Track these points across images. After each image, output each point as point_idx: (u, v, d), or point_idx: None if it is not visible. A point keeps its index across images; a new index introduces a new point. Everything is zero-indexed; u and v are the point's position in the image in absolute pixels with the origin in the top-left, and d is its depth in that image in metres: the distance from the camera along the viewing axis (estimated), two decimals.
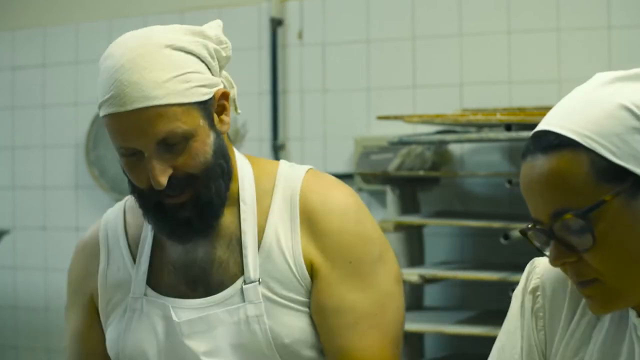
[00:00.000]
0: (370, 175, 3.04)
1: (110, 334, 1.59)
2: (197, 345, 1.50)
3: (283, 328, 1.48)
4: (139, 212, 1.56)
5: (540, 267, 1.31)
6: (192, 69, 1.44)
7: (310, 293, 1.50)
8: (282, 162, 1.59)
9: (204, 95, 1.46)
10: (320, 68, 3.49)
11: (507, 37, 3.20)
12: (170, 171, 1.43)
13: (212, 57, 1.49)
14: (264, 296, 1.48)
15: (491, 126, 2.96)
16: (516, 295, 1.35)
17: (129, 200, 1.64)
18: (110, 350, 1.59)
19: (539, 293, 1.30)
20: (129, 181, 1.50)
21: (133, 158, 1.45)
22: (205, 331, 1.50)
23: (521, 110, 2.93)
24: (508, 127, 2.70)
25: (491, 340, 2.90)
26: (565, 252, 1.13)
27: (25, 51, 4.04)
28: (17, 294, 4.06)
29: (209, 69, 1.49)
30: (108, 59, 1.47)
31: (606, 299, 1.14)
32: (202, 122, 1.45)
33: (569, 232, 1.11)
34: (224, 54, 1.53)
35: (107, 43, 1.63)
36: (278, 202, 1.52)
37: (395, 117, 2.98)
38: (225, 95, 1.52)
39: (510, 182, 2.75)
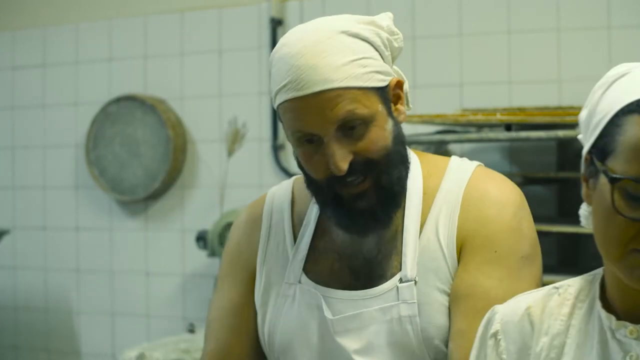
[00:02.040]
0: None
1: (262, 317, 1.56)
2: (349, 342, 1.47)
3: (434, 329, 1.45)
4: (306, 194, 1.54)
5: (500, 313, 1.31)
6: (367, 54, 1.44)
7: None
8: (453, 157, 1.57)
9: (381, 81, 1.45)
10: None
11: (507, 37, 3.20)
12: (350, 157, 1.42)
13: (385, 47, 1.49)
14: (422, 293, 1.46)
15: (491, 126, 2.96)
16: (475, 346, 1.33)
17: (297, 180, 1.62)
18: (261, 334, 1.57)
19: (500, 337, 1.29)
20: (305, 174, 1.48)
21: (311, 146, 1.44)
22: (358, 329, 1.48)
23: (521, 110, 2.93)
24: (508, 127, 2.70)
25: None
26: None
27: (25, 51, 4.04)
28: (17, 294, 4.06)
29: (382, 57, 1.48)
30: (283, 47, 1.45)
31: None
32: (380, 108, 1.44)
33: None
34: (395, 44, 1.52)
35: (107, 43, 1.63)
36: (443, 195, 1.50)
37: None
38: (400, 85, 1.51)
39: None
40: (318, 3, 3.50)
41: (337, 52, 1.41)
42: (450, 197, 1.50)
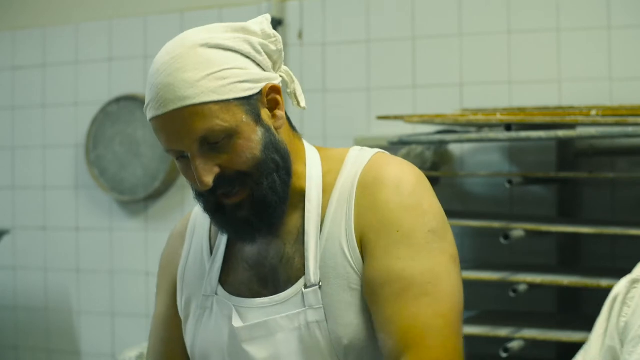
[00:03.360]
0: None
1: (185, 329, 1.60)
2: (256, 350, 1.48)
3: (341, 329, 1.45)
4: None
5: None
6: (229, 65, 1.42)
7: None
8: (353, 148, 1.55)
9: (246, 90, 1.43)
10: (320, 68, 3.49)
11: (507, 37, 3.20)
12: (216, 170, 1.41)
13: (258, 52, 1.46)
14: (327, 294, 1.45)
15: (491, 126, 2.96)
16: (617, 285, 1.34)
17: None
18: (187, 346, 1.60)
19: (636, 285, 1.30)
20: (191, 186, 1.49)
21: (183, 160, 1.44)
22: (265, 337, 1.48)
23: (521, 110, 2.93)
24: (508, 127, 2.70)
25: (491, 340, 2.90)
26: None
27: (25, 51, 4.04)
28: (17, 294, 4.06)
29: (257, 64, 1.46)
30: (152, 64, 1.46)
31: None
32: (245, 118, 1.42)
33: None
34: (273, 47, 1.49)
35: (107, 43, 1.64)
36: (339, 190, 1.49)
37: (395, 117, 2.98)
38: (275, 89, 1.48)
39: (510, 182, 2.75)
40: (318, 3, 3.50)
41: (192, 67, 1.40)
42: (345, 190, 1.48)
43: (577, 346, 2.94)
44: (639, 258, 2.99)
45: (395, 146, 2.98)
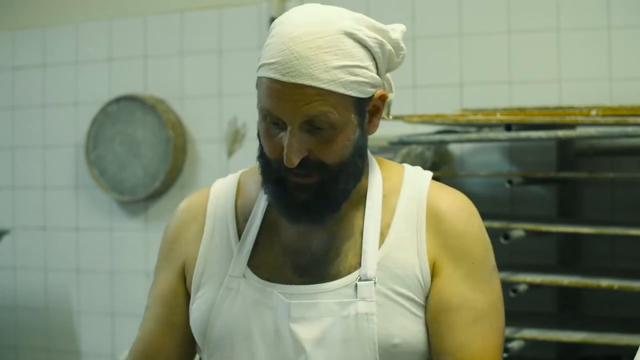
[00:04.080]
0: None
1: (199, 307, 1.55)
2: (303, 331, 1.47)
3: (395, 327, 1.46)
4: (253, 188, 1.56)
5: None
6: (363, 64, 1.44)
7: (427, 297, 1.49)
8: (406, 165, 1.60)
9: (366, 93, 1.45)
10: None
11: (507, 37, 3.20)
12: (305, 153, 1.42)
13: (384, 59, 1.49)
14: (382, 294, 1.47)
15: (491, 126, 2.96)
16: None
17: (244, 174, 1.63)
18: (195, 324, 1.56)
19: None
20: (260, 148, 1.48)
21: (274, 127, 1.44)
22: (314, 318, 1.47)
23: (521, 110, 2.93)
24: (508, 127, 2.70)
25: None
26: None
27: (25, 51, 4.04)
28: (17, 294, 4.06)
29: (377, 68, 1.48)
30: (286, 23, 1.44)
31: None
32: (353, 118, 1.45)
33: None
34: (397, 59, 1.53)
35: (107, 43, 1.63)
36: (405, 202, 1.52)
37: (395, 117, 2.98)
38: (383, 98, 1.51)
39: (510, 182, 2.75)
40: (318, 3, 3.49)
41: (334, 52, 1.40)
42: (412, 206, 1.52)
43: (577, 346, 2.95)
44: (639, 258, 3.01)
45: (395, 146, 2.98)
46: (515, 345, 2.59)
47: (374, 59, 1.47)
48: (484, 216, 3.14)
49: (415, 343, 1.47)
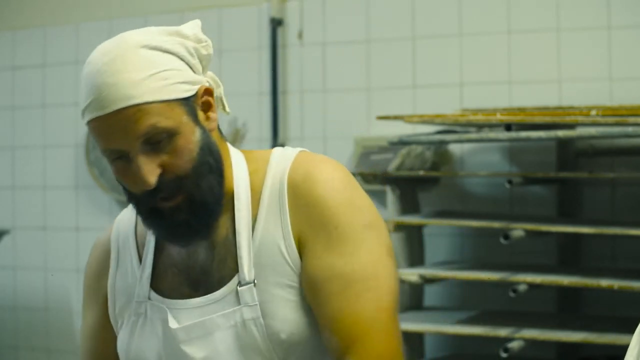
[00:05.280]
0: (371, 175, 3.04)
1: (121, 339, 1.59)
2: (194, 351, 1.49)
3: (278, 323, 1.47)
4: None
5: None
6: (169, 66, 1.44)
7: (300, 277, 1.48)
8: (275, 149, 1.58)
9: (185, 92, 1.46)
10: (320, 68, 3.49)
11: (507, 37, 3.20)
12: (158, 170, 1.43)
13: (191, 55, 1.49)
14: (262, 292, 1.47)
15: (491, 126, 2.96)
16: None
17: None
18: (120, 355, 1.59)
19: None
20: (124, 189, 1.49)
21: (121, 162, 1.45)
22: (202, 336, 1.49)
23: (521, 110, 2.93)
24: (508, 127, 2.70)
25: (491, 340, 2.90)
26: None
27: (25, 51, 4.04)
28: (17, 294, 4.06)
29: (190, 67, 1.49)
30: (88, 65, 1.47)
31: None
32: (185, 119, 1.45)
33: None
34: (204, 52, 1.52)
35: None
36: (268, 188, 1.51)
37: (395, 117, 2.98)
38: (208, 92, 1.51)
39: (510, 182, 2.75)
40: (318, 3, 3.50)
41: (136, 67, 1.41)
42: (274, 189, 1.50)
43: (577, 346, 2.95)
44: (639, 258, 3.00)
45: (395, 146, 2.98)
46: (515, 345, 2.59)
47: (181, 59, 1.47)
48: (484, 216, 3.14)
49: (300, 331, 1.47)
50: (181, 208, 1.46)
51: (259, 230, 1.49)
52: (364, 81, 3.41)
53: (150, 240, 1.58)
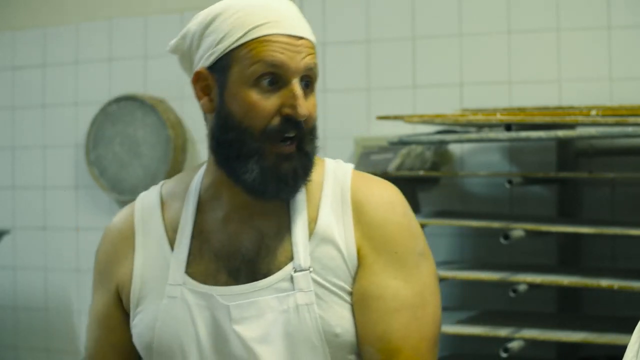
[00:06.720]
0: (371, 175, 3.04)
1: (141, 321, 1.56)
2: (246, 330, 1.49)
3: (334, 317, 1.48)
4: (177, 198, 1.59)
5: None
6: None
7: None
8: (327, 159, 1.62)
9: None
10: (320, 68, 3.48)
11: (507, 37, 3.20)
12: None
13: None
14: (316, 283, 1.49)
15: (491, 126, 2.96)
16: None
17: (165, 185, 1.66)
18: (139, 338, 1.56)
19: None
20: (231, 131, 1.51)
21: (268, 89, 1.48)
22: (255, 317, 1.49)
23: (521, 110, 2.93)
24: (508, 127, 2.70)
25: (491, 340, 2.89)
26: None
27: (25, 51, 4.04)
28: (17, 294, 4.06)
29: None
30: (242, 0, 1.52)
31: None
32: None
33: None
34: None
35: (107, 43, 1.64)
36: (329, 195, 1.55)
37: (395, 117, 2.98)
38: None
39: (510, 182, 2.75)
40: (318, 3, 3.50)
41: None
42: (337, 199, 1.54)
43: (577, 346, 2.95)
44: (639, 258, 3.01)
45: (395, 146, 2.98)
46: (515, 345, 2.59)
47: None
48: (484, 216, 3.14)
49: (353, 332, 1.50)
50: (293, 158, 1.51)
51: (320, 227, 1.52)
52: (364, 81, 3.41)
53: (187, 224, 1.57)
